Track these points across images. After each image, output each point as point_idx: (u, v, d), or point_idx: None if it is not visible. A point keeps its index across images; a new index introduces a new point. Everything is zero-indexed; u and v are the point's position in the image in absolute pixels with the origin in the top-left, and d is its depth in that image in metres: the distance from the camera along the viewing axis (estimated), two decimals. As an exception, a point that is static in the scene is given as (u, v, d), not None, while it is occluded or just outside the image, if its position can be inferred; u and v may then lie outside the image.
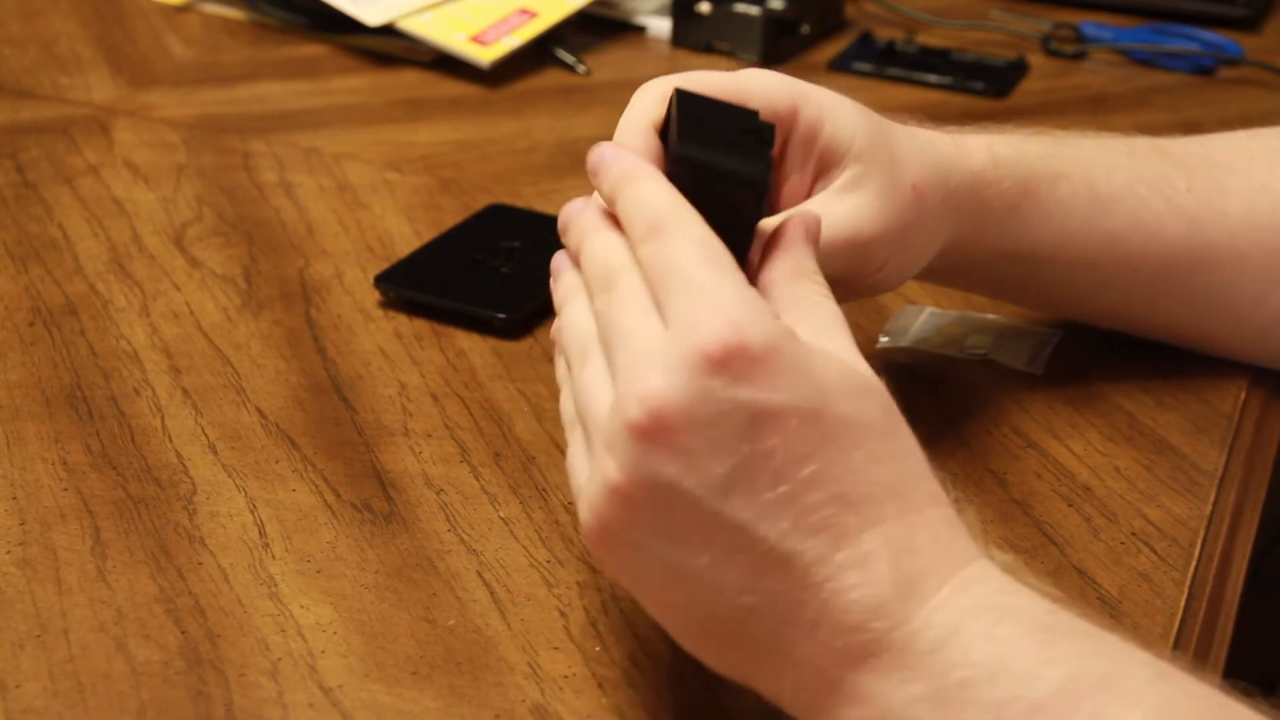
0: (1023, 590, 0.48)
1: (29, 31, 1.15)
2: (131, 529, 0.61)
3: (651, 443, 0.46)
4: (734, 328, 0.46)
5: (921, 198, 0.62)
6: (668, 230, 0.49)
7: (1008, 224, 0.66)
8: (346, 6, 1.12)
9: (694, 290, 0.47)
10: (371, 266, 0.81)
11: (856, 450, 0.47)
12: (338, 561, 0.60)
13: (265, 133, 0.98)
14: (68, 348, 0.74)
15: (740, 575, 0.47)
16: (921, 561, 0.47)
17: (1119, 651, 0.46)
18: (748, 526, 0.46)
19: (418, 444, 0.67)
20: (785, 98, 0.59)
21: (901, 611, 0.46)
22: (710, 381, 0.46)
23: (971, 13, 1.24)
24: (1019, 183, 0.66)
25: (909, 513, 0.48)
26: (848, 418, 0.47)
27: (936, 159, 0.63)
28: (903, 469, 0.48)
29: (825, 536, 0.46)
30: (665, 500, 0.46)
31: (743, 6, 1.12)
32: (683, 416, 0.46)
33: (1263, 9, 1.28)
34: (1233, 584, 0.62)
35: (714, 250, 0.48)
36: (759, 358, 0.46)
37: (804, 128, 0.60)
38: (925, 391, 0.73)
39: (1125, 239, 0.68)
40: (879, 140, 0.61)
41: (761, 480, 0.46)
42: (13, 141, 0.96)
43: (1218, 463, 0.68)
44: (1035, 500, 0.65)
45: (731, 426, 0.46)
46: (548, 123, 1.02)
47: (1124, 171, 0.68)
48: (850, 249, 0.60)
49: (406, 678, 0.54)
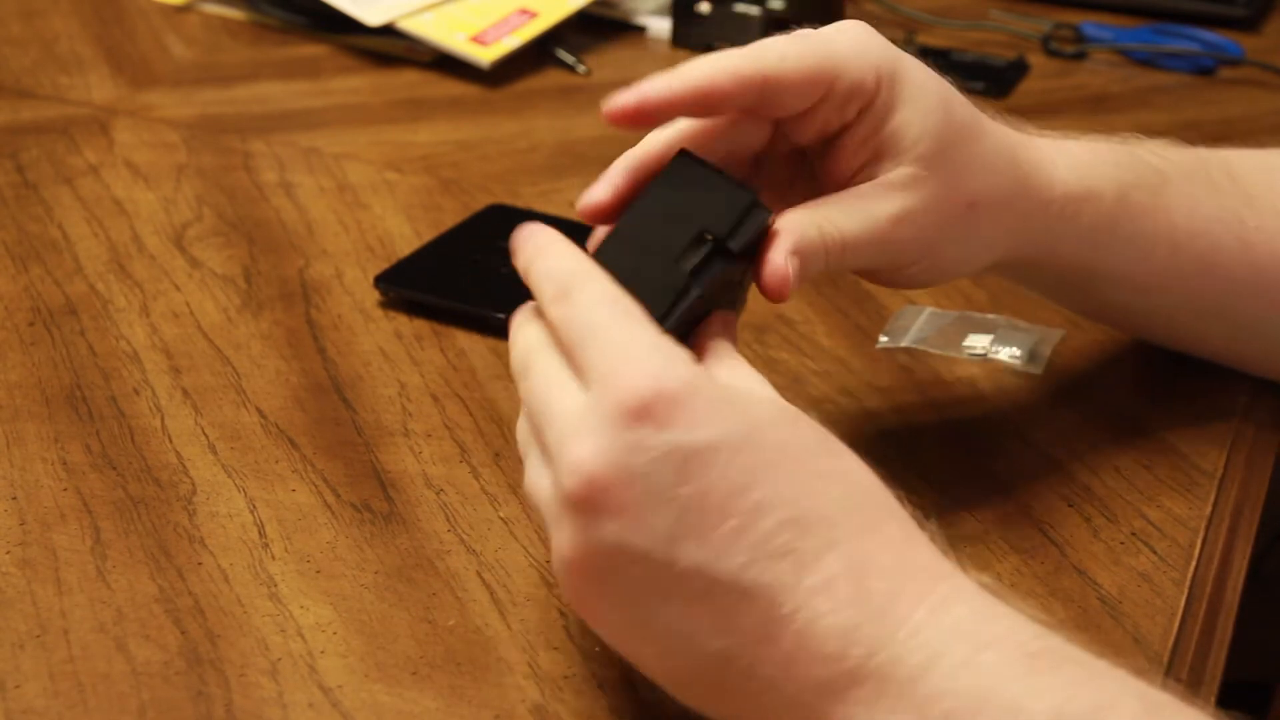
0: (1004, 613, 0.46)
1: (29, 31, 1.15)
2: (131, 529, 0.61)
3: (592, 510, 0.46)
4: (650, 376, 0.46)
5: (977, 214, 0.59)
6: (574, 290, 0.49)
7: (1079, 249, 0.64)
8: (346, 6, 1.12)
9: (606, 345, 0.47)
10: (371, 266, 0.81)
11: (800, 471, 0.46)
12: (337, 562, 0.60)
13: (265, 133, 0.98)
14: (68, 348, 0.74)
15: (708, 620, 0.46)
16: (888, 581, 0.46)
17: (1109, 681, 0.45)
18: (704, 568, 0.46)
19: (418, 444, 0.67)
20: (873, 69, 0.56)
21: (877, 636, 0.45)
22: (635, 433, 0.45)
23: (971, 13, 1.24)
24: (1104, 214, 0.63)
25: (867, 530, 0.47)
26: (783, 440, 0.47)
27: (1013, 178, 0.61)
28: (852, 486, 0.48)
29: (785, 564, 0.45)
30: (619, 562, 0.46)
31: (743, 6, 1.12)
32: (615, 475, 0.45)
33: (1263, 9, 1.28)
34: (1233, 584, 0.62)
35: (621, 304, 0.48)
36: (679, 400, 0.45)
37: (879, 106, 0.57)
38: (925, 391, 0.73)
39: (1192, 274, 0.67)
40: (950, 147, 0.58)
41: (708, 519, 0.45)
42: (13, 141, 0.96)
43: (1218, 463, 0.68)
44: (1035, 500, 0.65)
45: (666, 473, 0.45)
46: (548, 123, 1.02)
47: (1205, 208, 0.66)
48: (878, 248, 0.58)
49: (406, 678, 0.54)
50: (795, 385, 0.72)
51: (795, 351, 0.75)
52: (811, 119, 0.57)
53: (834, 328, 0.78)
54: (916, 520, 0.48)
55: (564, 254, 0.51)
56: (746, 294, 0.58)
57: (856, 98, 0.56)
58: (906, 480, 0.65)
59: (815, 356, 0.75)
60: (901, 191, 0.57)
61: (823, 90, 0.56)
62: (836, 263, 0.56)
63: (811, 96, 0.56)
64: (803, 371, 0.74)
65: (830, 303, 0.80)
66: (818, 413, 0.70)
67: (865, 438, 0.69)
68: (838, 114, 0.57)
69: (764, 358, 0.75)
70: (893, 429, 0.70)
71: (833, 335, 0.77)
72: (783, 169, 0.61)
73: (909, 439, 0.69)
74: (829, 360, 0.75)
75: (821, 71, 0.55)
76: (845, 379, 0.73)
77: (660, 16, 1.19)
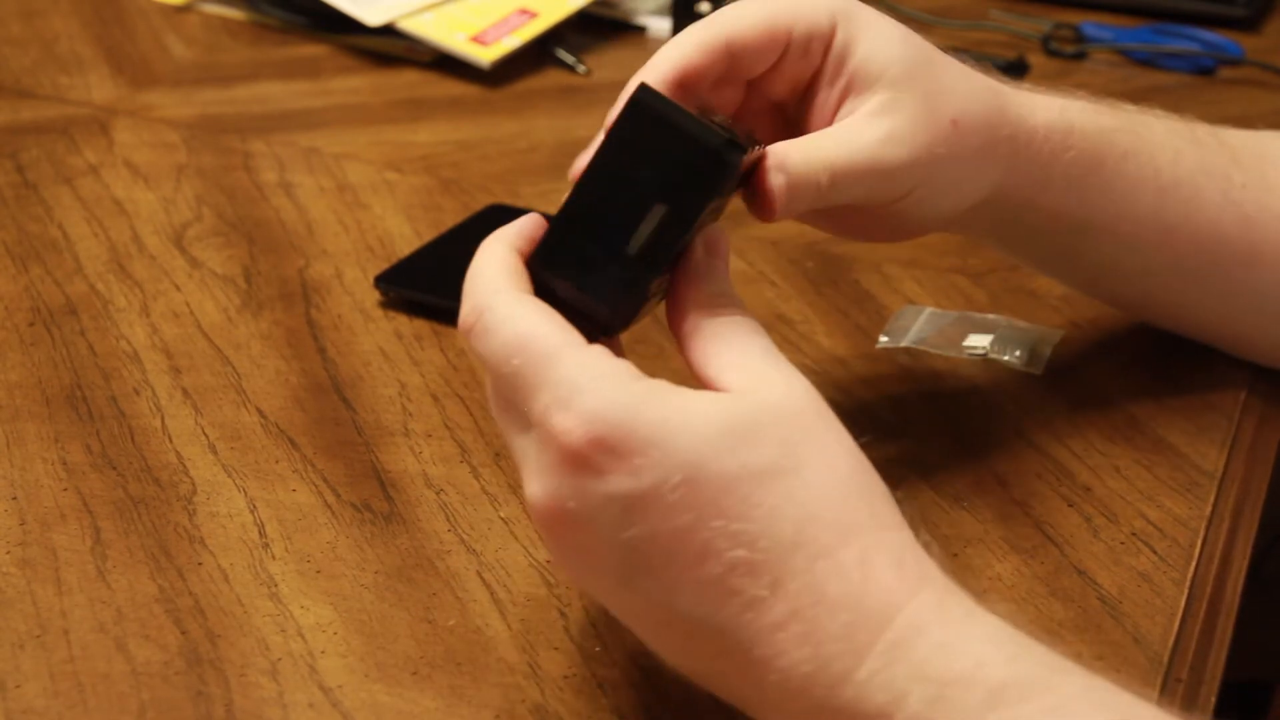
0: (970, 639, 0.45)
1: (29, 31, 1.15)
2: (131, 529, 0.61)
3: (555, 542, 0.48)
4: (584, 424, 0.45)
5: (962, 134, 0.60)
6: (483, 314, 0.48)
7: (1068, 191, 0.64)
8: (346, 6, 1.12)
9: (535, 388, 0.46)
10: (371, 266, 0.81)
11: (743, 506, 0.45)
12: (338, 562, 0.60)
13: (265, 133, 0.98)
14: (68, 348, 0.74)
15: (678, 643, 0.47)
16: (842, 616, 0.44)
17: (1082, 705, 0.43)
18: (663, 604, 0.46)
19: (418, 444, 0.67)
20: (826, 12, 0.58)
21: (837, 675, 0.44)
22: (576, 480, 0.45)
23: (971, 13, 1.24)
24: (1087, 152, 0.64)
25: (817, 560, 0.45)
26: (728, 474, 0.45)
27: (992, 101, 0.61)
28: (801, 512, 0.45)
29: (735, 604, 0.45)
30: (590, 583, 0.49)
31: (743, 6, 1.12)
32: (562, 518, 0.46)
33: (1263, 9, 1.28)
34: (1233, 584, 0.62)
35: (534, 330, 0.47)
36: (615, 446, 0.45)
37: (839, 45, 0.58)
38: (925, 391, 0.73)
39: (1178, 227, 0.67)
40: (919, 69, 0.59)
41: (655, 560, 0.45)
42: (13, 141, 0.95)
43: (1218, 463, 0.68)
44: (1035, 500, 0.65)
45: (609, 518, 0.45)
46: (548, 123, 1.02)
47: (1188, 158, 0.67)
48: (871, 175, 0.58)
49: (406, 678, 0.54)
50: (795, 385, 0.72)
51: (795, 351, 0.75)
52: (781, 73, 0.59)
53: (834, 328, 0.78)
54: (883, 527, 0.47)
55: (480, 270, 0.50)
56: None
57: (816, 40, 0.58)
58: (906, 480, 0.66)
59: (815, 356, 0.75)
60: (881, 116, 0.58)
61: (783, 42, 0.58)
62: (830, 192, 0.56)
63: (775, 50, 0.58)
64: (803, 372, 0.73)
65: (830, 303, 0.80)
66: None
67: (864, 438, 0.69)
68: (803, 62, 0.59)
69: (764, 358, 0.75)
70: (893, 429, 0.70)
71: (833, 335, 0.77)
72: (764, 126, 0.62)
73: (909, 439, 0.69)
74: (829, 360, 0.75)
75: (777, 23, 0.58)
76: (845, 379, 0.73)
77: (660, 16, 1.19)
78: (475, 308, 0.49)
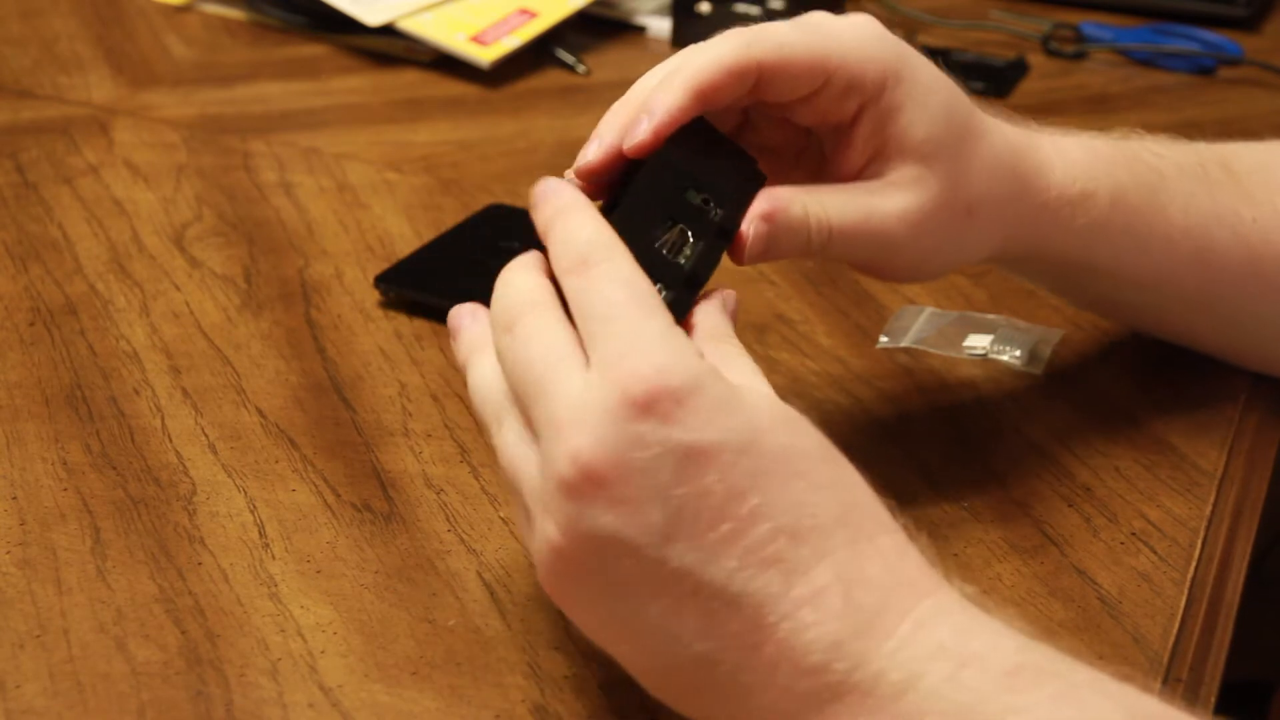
0: (986, 627, 0.46)
1: (29, 31, 1.15)
2: (131, 529, 0.61)
3: (588, 498, 0.45)
4: (657, 370, 0.45)
5: (974, 219, 0.60)
6: (595, 265, 0.48)
7: (1076, 247, 0.64)
8: (346, 6, 1.12)
9: (617, 330, 0.46)
10: (371, 266, 0.81)
11: (798, 480, 0.46)
12: (338, 562, 0.60)
13: (265, 133, 0.98)
14: (68, 348, 0.74)
15: (694, 622, 0.46)
16: (876, 594, 0.46)
17: (1091, 693, 0.44)
18: (694, 570, 0.45)
19: (418, 444, 0.67)
20: (877, 68, 0.56)
21: (861, 650, 0.45)
22: (638, 427, 0.45)
23: (972, 13, 1.24)
24: (1099, 219, 0.63)
25: (859, 541, 0.46)
26: (784, 447, 0.46)
27: (1012, 185, 0.61)
28: (848, 496, 0.47)
29: (775, 572, 0.45)
30: (610, 554, 0.46)
31: (743, 6, 1.12)
32: (615, 467, 0.45)
33: (1263, 9, 1.28)
34: (1233, 584, 0.62)
35: (639, 289, 0.47)
36: (684, 398, 0.45)
37: (885, 105, 0.56)
38: (925, 391, 0.73)
39: (1186, 269, 0.67)
40: (953, 148, 0.58)
41: (703, 521, 0.45)
42: (13, 141, 0.96)
43: (1218, 463, 0.68)
44: (1035, 500, 0.65)
45: (665, 470, 0.45)
46: (548, 123, 1.02)
47: (1200, 204, 0.66)
48: (870, 241, 0.57)
49: (406, 678, 0.54)
50: (795, 385, 0.72)
51: (795, 351, 0.75)
52: (806, 106, 0.57)
53: (834, 328, 0.78)
54: (908, 532, 0.48)
55: (586, 221, 0.50)
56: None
57: (854, 93, 0.56)
58: (906, 480, 0.66)
59: (815, 356, 0.75)
60: (903, 191, 0.57)
61: (819, 81, 0.55)
62: (824, 247, 0.56)
63: (807, 86, 0.56)
64: (803, 371, 0.74)
65: (830, 303, 0.80)
66: (818, 413, 0.70)
67: (865, 438, 0.69)
68: (835, 106, 0.57)
69: (764, 358, 0.75)
70: (893, 429, 0.70)
71: (833, 335, 0.77)
72: (788, 140, 0.60)
73: (909, 439, 0.69)
74: (829, 360, 0.75)
75: (818, 63, 0.55)
76: (845, 379, 0.73)
77: (660, 16, 1.19)
78: (586, 240, 0.49)
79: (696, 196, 0.53)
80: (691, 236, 0.52)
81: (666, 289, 0.51)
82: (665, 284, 0.51)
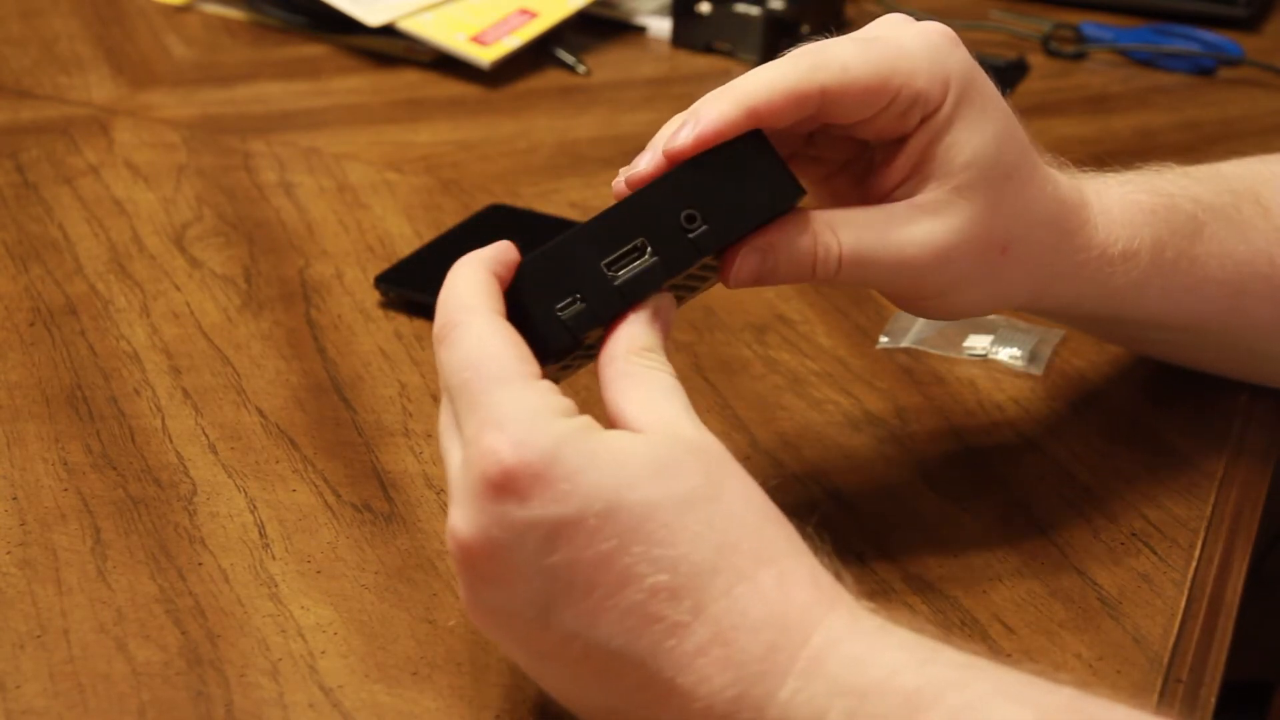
0: (884, 648, 0.45)
1: (29, 31, 1.15)
2: (131, 529, 0.61)
3: (470, 570, 0.47)
4: (513, 446, 0.45)
5: (1008, 260, 0.57)
6: (452, 329, 0.49)
7: (1111, 300, 0.62)
8: (346, 6, 1.12)
9: (470, 403, 0.47)
10: (371, 266, 0.81)
11: (667, 530, 0.45)
12: (338, 562, 0.60)
13: (265, 133, 0.98)
14: (68, 348, 0.74)
15: (592, 680, 0.47)
16: (763, 638, 0.45)
17: (998, 700, 0.44)
18: (580, 634, 0.46)
19: (418, 444, 0.67)
20: (940, 82, 0.54)
21: (761, 697, 0.45)
22: (499, 508, 0.45)
23: (972, 13, 1.24)
24: (1137, 278, 0.61)
25: (739, 583, 0.45)
26: (650, 501, 0.46)
27: (1052, 233, 0.58)
28: (721, 538, 0.46)
29: (659, 629, 0.45)
30: (500, 620, 0.48)
31: (743, 6, 1.12)
32: (484, 546, 0.46)
33: (1263, 9, 1.28)
34: (1233, 584, 0.62)
35: (490, 350, 0.48)
36: (541, 471, 0.45)
37: (940, 118, 0.54)
38: (925, 391, 0.73)
39: (1222, 316, 0.65)
40: (995, 182, 0.55)
41: (578, 588, 0.45)
42: (13, 141, 0.96)
43: (1218, 463, 0.68)
44: (1035, 501, 0.65)
45: (530, 546, 0.45)
46: (548, 123, 1.02)
47: (1236, 253, 0.64)
48: (895, 271, 0.55)
49: (407, 678, 0.54)
50: (795, 385, 0.72)
51: (795, 351, 0.75)
52: (868, 125, 0.55)
53: (834, 328, 0.78)
54: (807, 539, 0.47)
55: (457, 280, 0.51)
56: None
57: (919, 107, 0.54)
58: (906, 480, 0.66)
59: (815, 356, 0.75)
60: (930, 217, 0.55)
61: (883, 103, 0.54)
62: (841, 275, 0.54)
63: (870, 109, 0.54)
64: (803, 371, 0.74)
65: (830, 303, 0.80)
66: (818, 413, 0.70)
67: (865, 438, 0.69)
68: (898, 122, 0.54)
69: (764, 358, 0.75)
70: (893, 429, 0.70)
71: (833, 335, 0.77)
72: (846, 152, 0.59)
73: (909, 439, 0.69)
74: (829, 360, 0.75)
75: (882, 84, 0.53)
76: (845, 379, 0.73)
77: (660, 16, 1.19)
78: (449, 321, 0.50)
79: (685, 213, 0.52)
80: (649, 253, 0.52)
81: (580, 302, 0.51)
82: (583, 297, 0.51)
